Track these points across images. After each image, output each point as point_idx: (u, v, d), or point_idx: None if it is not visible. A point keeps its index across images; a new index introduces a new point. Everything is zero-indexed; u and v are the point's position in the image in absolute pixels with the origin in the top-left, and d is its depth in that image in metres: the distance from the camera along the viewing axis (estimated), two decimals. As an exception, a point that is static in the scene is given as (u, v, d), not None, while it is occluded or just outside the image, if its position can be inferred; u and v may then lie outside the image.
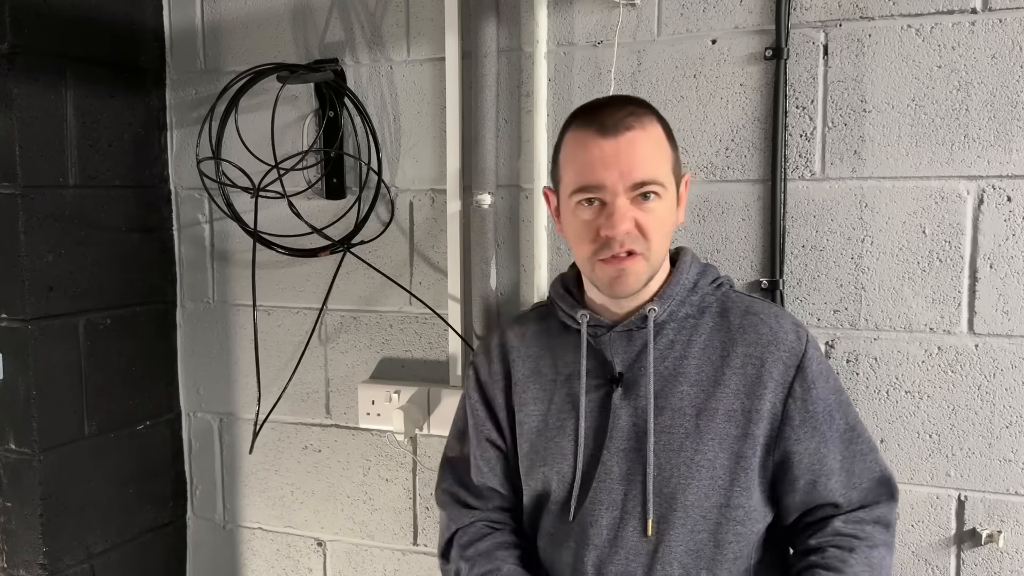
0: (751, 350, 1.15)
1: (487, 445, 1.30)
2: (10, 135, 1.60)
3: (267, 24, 1.81)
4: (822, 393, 1.16)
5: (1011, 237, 1.35)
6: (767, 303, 1.23)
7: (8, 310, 1.65)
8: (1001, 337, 1.37)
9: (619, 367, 1.18)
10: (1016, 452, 1.37)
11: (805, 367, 1.15)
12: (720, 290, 1.22)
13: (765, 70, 1.46)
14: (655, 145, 1.13)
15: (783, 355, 1.15)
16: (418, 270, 1.74)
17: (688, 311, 1.19)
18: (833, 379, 1.19)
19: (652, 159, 1.11)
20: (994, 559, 1.40)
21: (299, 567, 1.93)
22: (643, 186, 1.10)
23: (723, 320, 1.19)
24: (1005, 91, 1.33)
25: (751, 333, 1.17)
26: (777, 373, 1.14)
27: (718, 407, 1.14)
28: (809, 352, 1.16)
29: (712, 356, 1.16)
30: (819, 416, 1.15)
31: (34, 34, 1.63)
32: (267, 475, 1.93)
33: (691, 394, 1.15)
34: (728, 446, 1.14)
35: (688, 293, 1.19)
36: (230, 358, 1.94)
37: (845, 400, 1.20)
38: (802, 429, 1.15)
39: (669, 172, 1.14)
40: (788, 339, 1.16)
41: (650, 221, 1.11)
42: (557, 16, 1.57)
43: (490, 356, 1.31)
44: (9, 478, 1.70)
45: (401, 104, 1.72)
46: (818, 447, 1.15)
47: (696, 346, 1.17)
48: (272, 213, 1.76)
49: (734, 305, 1.20)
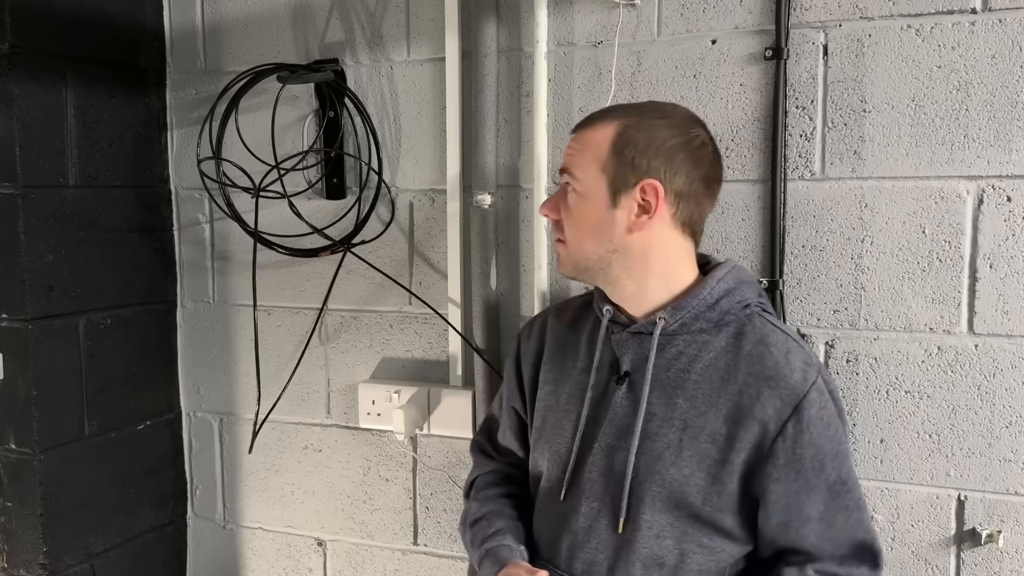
0: (751, 380, 1.13)
1: (511, 411, 1.39)
2: (10, 135, 1.60)
3: (267, 24, 1.81)
4: (816, 439, 1.12)
5: (1011, 237, 1.35)
6: (786, 336, 1.18)
7: (8, 310, 1.65)
8: (1001, 337, 1.37)
9: (626, 366, 1.21)
10: (1016, 452, 1.38)
11: (803, 409, 1.11)
12: (745, 311, 1.19)
13: (765, 70, 1.46)
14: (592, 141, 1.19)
15: (782, 392, 1.12)
16: (418, 270, 1.74)
17: (703, 325, 1.18)
18: (835, 428, 1.14)
19: (579, 152, 1.19)
20: (994, 559, 1.40)
21: (299, 567, 1.93)
22: (562, 173, 1.21)
23: (736, 343, 1.17)
24: (1005, 91, 1.33)
25: (756, 363, 1.14)
26: (772, 409, 1.12)
27: (704, 427, 1.14)
28: (811, 395, 1.12)
29: (714, 376, 1.15)
30: (806, 461, 1.12)
31: (34, 34, 1.63)
32: (267, 475, 1.93)
33: (683, 408, 1.16)
34: (706, 467, 1.13)
35: (707, 308, 1.17)
36: (230, 358, 1.94)
37: (843, 452, 1.14)
38: (785, 470, 1.12)
39: (596, 171, 1.17)
40: (792, 377, 1.13)
41: (563, 212, 1.21)
42: (557, 16, 1.57)
43: (531, 332, 1.38)
44: (9, 478, 1.70)
45: (401, 104, 1.72)
46: (798, 491, 1.12)
47: (701, 362, 1.17)
48: (272, 213, 1.76)
49: (752, 330, 1.17)
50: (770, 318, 1.21)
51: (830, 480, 1.13)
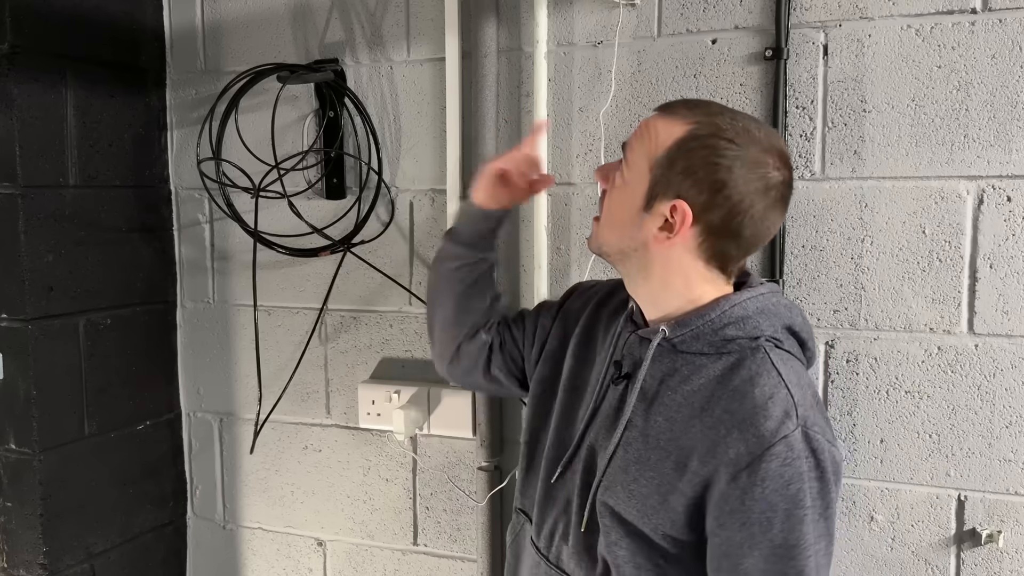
0: (725, 417, 1.04)
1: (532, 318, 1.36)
2: (10, 135, 1.61)
3: (267, 24, 1.81)
4: (768, 495, 1.01)
5: (1011, 237, 1.35)
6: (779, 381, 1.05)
7: (8, 310, 1.65)
8: (1001, 337, 1.37)
9: (626, 367, 1.18)
10: (1016, 452, 1.37)
11: (762, 460, 1.00)
12: (753, 343, 1.08)
13: (765, 70, 1.46)
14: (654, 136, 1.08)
15: (748, 438, 1.01)
16: (418, 270, 1.74)
17: (703, 348, 1.10)
18: (797, 488, 1.01)
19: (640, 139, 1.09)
20: (994, 559, 1.40)
21: (299, 567, 1.93)
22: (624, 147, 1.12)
23: (728, 375, 1.07)
24: (1005, 91, 1.33)
25: (736, 401, 1.04)
26: (733, 453, 1.02)
27: (671, 451, 1.07)
28: (776, 448, 1.00)
29: (696, 402, 1.08)
30: (754, 515, 1.01)
31: (34, 34, 1.63)
32: (267, 475, 1.93)
33: (660, 426, 1.10)
34: (663, 490, 1.08)
35: (711, 332, 1.09)
36: (230, 358, 1.94)
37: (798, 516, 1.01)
38: (730, 518, 1.03)
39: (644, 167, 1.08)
40: (765, 425, 1.01)
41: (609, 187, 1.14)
42: (557, 16, 1.57)
43: (584, 292, 1.34)
44: (9, 478, 1.70)
45: (401, 104, 1.72)
46: (740, 544, 1.03)
47: (689, 386, 1.09)
48: (272, 213, 1.76)
49: (749, 365, 1.07)
50: (775, 356, 1.08)
51: (775, 542, 1.02)
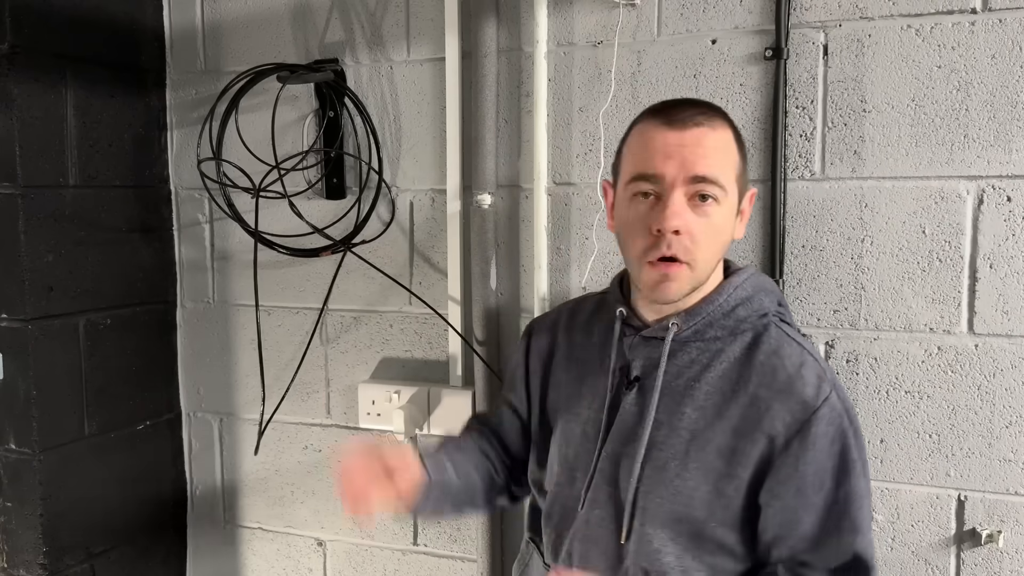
0: (762, 392, 1.08)
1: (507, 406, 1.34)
2: (10, 135, 1.60)
3: (267, 24, 1.81)
4: (819, 456, 1.06)
5: (1011, 237, 1.35)
6: (801, 349, 1.11)
7: (8, 310, 1.65)
8: (1001, 337, 1.37)
9: (636, 371, 1.16)
10: (1016, 452, 1.37)
11: (811, 425, 1.06)
12: (762, 320, 1.13)
13: (765, 70, 1.46)
14: (722, 146, 1.08)
15: (792, 407, 1.07)
16: (418, 270, 1.74)
17: (717, 333, 1.13)
18: (842, 445, 1.07)
19: (716, 158, 1.06)
20: (994, 559, 1.40)
21: (299, 567, 1.93)
22: (702, 182, 1.04)
23: (749, 353, 1.11)
24: (1005, 91, 1.33)
25: (769, 375, 1.09)
26: (780, 424, 1.06)
27: (712, 438, 1.09)
28: (822, 411, 1.06)
29: (724, 387, 1.10)
30: (807, 479, 1.06)
31: (34, 34, 1.63)
32: (267, 475, 1.93)
33: (692, 418, 1.11)
34: (712, 480, 1.09)
35: (722, 315, 1.12)
36: (230, 358, 1.94)
37: (847, 469, 1.08)
38: (784, 487, 1.07)
39: (732, 179, 1.08)
40: (804, 392, 1.07)
41: (703, 227, 1.06)
42: (557, 16, 1.57)
43: (544, 328, 1.31)
44: (9, 478, 1.70)
45: (401, 104, 1.72)
46: (796, 508, 1.07)
47: (714, 372, 1.11)
48: (272, 213, 1.76)
49: (767, 340, 1.11)
50: (787, 328, 1.15)
51: (828, 500, 1.07)
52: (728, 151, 1.08)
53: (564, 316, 1.30)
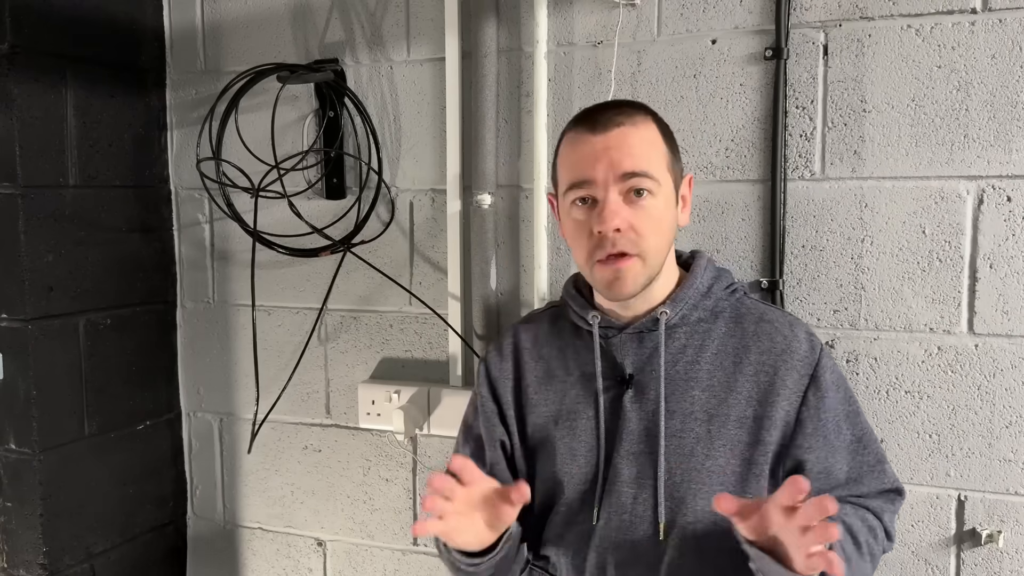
0: (765, 358, 1.15)
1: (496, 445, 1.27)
2: (10, 135, 1.60)
3: (267, 24, 1.81)
4: (832, 403, 1.15)
5: (1011, 237, 1.35)
6: (781, 311, 1.23)
7: (8, 310, 1.65)
8: (1001, 337, 1.37)
9: (629, 369, 1.17)
10: (1016, 452, 1.37)
11: (819, 376, 1.15)
12: (734, 296, 1.21)
13: (765, 70, 1.46)
14: (646, 140, 1.12)
15: (797, 364, 1.14)
16: (418, 270, 1.74)
17: (701, 315, 1.18)
18: (844, 389, 1.19)
19: (642, 152, 1.10)
20: (994, 559, 1.40)
21: (299, 567, 1.93)
22: (632, 177, 1.09)
23: (737, 326, 1.18)
24: (1005, 91, 1.33)
25: (765, 341, 1.16)
26: (791, 382, 1.14)
27: (730, 413, 1.13)
28: (823, 361, 1.15)
29: (724, 362, 1.15)
30: (828, 426, 1.15)
31: (34, 34, 1.63)
32: (267, 475, 1.93)
33: (703, 399, 1.14)
34: (739, 452, 1.13)
35: (702, 297, 1.18)
36: (230, 358, 1.94)
37: (854, 410, 1.19)
38: (813, 438, 1.14)
39: (664, 169, 1.12)
40: (802, 348, 1.15)
41: (643, 219, 1.10)
42: (557, 16, 1.57)
43: (502, 354, 1.29)
44: (9, 478, 1.70)
45: (401, 104, 1.72)
46: (826, 457, 1.15)
47: (709, 351, 1.16)
48: (272, 213, 1.76)
49: (748, 311, 1.19)
50: (756, 299, 1.25)
51: (848, 440, 1.17)
52: (654, 144, 1.12)
53: (521, 337, 1.28)
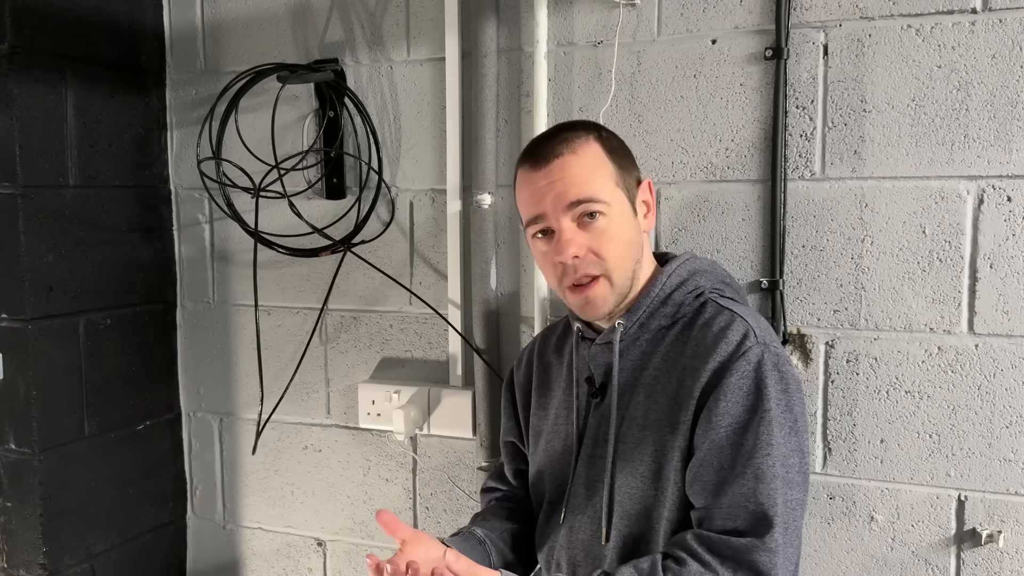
0: (691, 361, 1.13)
1: (508, 446, 1.41)
2: (10, 135, 1.60)
3: (267, 24, 1.81)
4: (731, 407, 1.08)
5: (1011, 237, 1.35)
6: (732, 314, 1.14)
7: (8, 310, 1.65)
8: (1001, 337, 1.37)
9: (599, 378, 1.22)
10: (1016, 452, 1.37)
11: (725, 376, 1.08)
12: (698, 300, 1.18)
13: (765, 70, 1.46)
14: (588, 163, 1.14)
15: (713, 364, 1.10)
16: (418, 270, 1.74)
17: (661, 322, 1.19)
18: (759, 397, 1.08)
19: (584, 177, 1.13)
20: (994, 559, 1.40)
21: (299, 567, 1.93)
22: (579, 204, 1.12)
23: (686, 331, 1.16)
24: (1005, 91, 1.33)
25: (699, 344, 1.13)
26: (704, 380, 1.10)
27: (659, 417, 1.14)
28: (737, 363, 1.08)
29: (667, 367, 1.16)
30: (720, 431, 1.08)
31: (34, 34, 1.63)
32: (267, 475, 1.93)
33: (643, 404, 1.16)
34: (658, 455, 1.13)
35: (660, 305, 1.18)
36: (230, 358, 1.94)
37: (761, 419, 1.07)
38: (701, 439, 1.09)
39: (612, 186, 1.15)
40: (725, 348, 1.10)
41: (600, 241, 1.12)
42: (557, 16, 1.57)
43: (521, 361, 1.40)
44: (9, 478, 1.70)
45: (401, 104, 1.72)
46: (704, 458, 1.09)
47: (658, 357, 1.17)
48: (272, 213, 1.76)
49: (701, 316, 1.16)
50: (724, 302, 1.18)
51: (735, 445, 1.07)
52: (597, 165, 1.15)
53: (538, 344, 1.38)
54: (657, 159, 1.53)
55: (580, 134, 1.17)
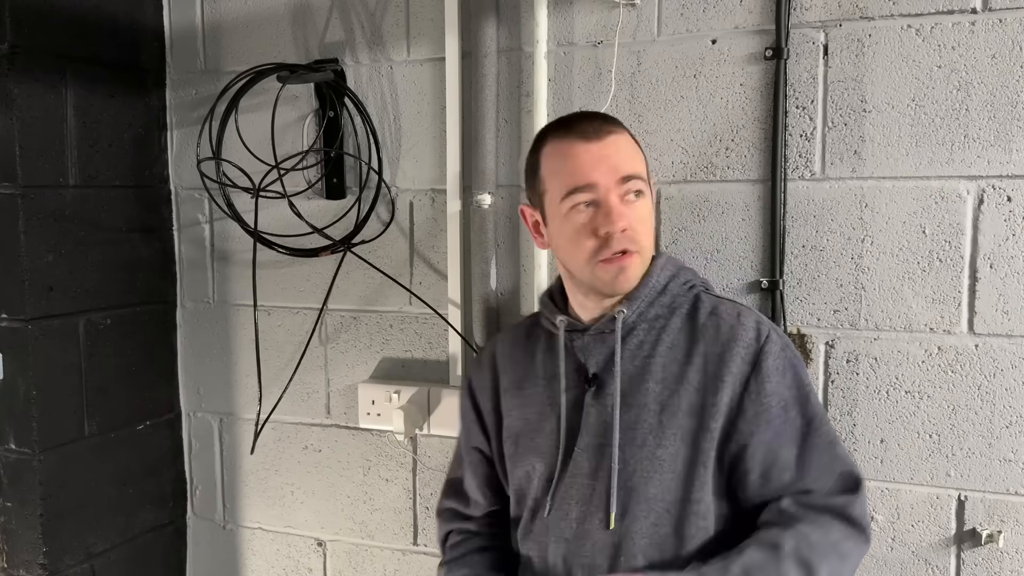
0: (712, 348, 1.19)
1: (474, 453, 1.38)
2: (10, 135, 1.60)
3: (267, 24, 1.81)
4: (776, 388, 1.17)
5: (1011, 237, 1.35)
6: (734, 303, 1.25)
7: (8, 310, 1.65)
8: (1001, 337, 1.37)
9: (593, 368, 1.23)
10: (1016, 452, 1.37)
11: (761, 362, 1.17)
12: (692, 292, 1.25)
13: (765, 70, 1.46)
14: (633, 146, 1.22)
15: (741, 351, 1.18)
16: (418, 270, 1.74)
17: (658, 311, 1.23)
18: (793, 374, 1.19)
19: (635, 157, 1.20)
20: (994, 559, 1.40)
21: (299, 567, 1.93)
22: (630, 180, 1.17)
23: (690, 321, 1.22)
24: (1005, 91, 1.33)
25: (712, 332, 1.20)
26: (735, 368, 1.17)
27: (680, 403, 1.18)
28: (767, 348, 1.18)
29: (677, 355, 1.20)
30: (772, 410, 1.16)
31: (34, 34, 1.63)
32: (267, 475, 1.93)
33: (656, 391, 1.19)
34: (688, 440, 1.17)
35: (658, 295, 1.23)
36: (230, 358, 1.94)
37: (804, 395, 1.19)
38: (755, 423, 1.16)
39: (647, 172, 1.22)
40: (747, 336, 1.19)
41: (639, 219, 1.18)
42: (557, 16, 1.57)
43: (481, 364, 1.39)
44: (9, 478, 1.70)
45: (401, 104, 1.72)
46: (771, 441, 1.16)
47: (663, 345, 1.21)
48: (272, 213, 1.76)
49: (702, 306, 1.23)
50: (716, 294, 1.28)
51: (797, 424, 1.17)
52: (638, 150, 1.22)
53: (499, 348, 1.37)
54: (657, 159, 1.53)
55: (619, 122, 1.23)
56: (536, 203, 1.25)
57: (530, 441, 1.27)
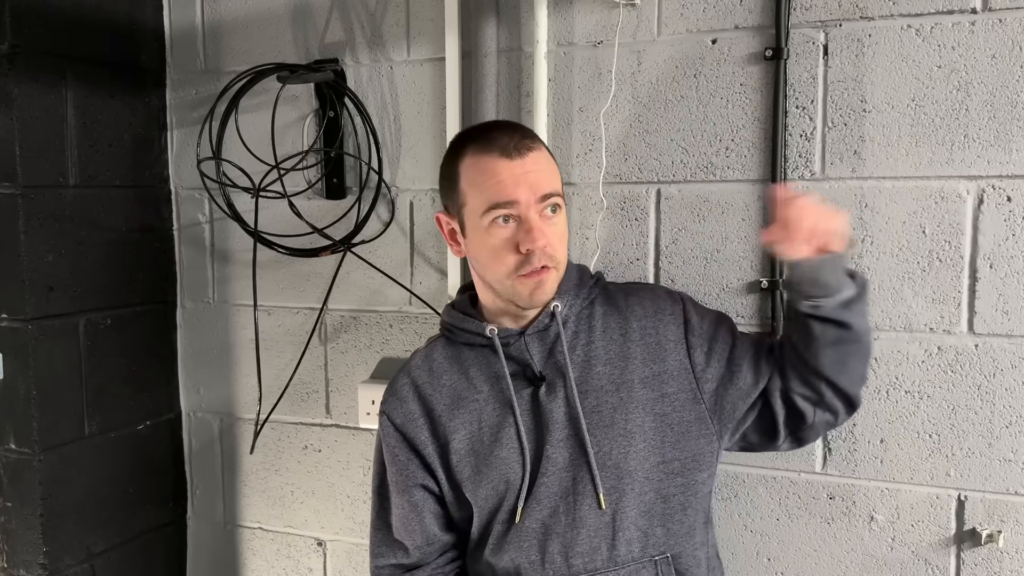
0: (644, 322, 1.29)
1: (417, 490, 1.31)
2: (10, 135, 1.61)
3: (267, 24, 1.81)
4: (705, 323, 1.31)
5: (1011, 237, 1.35)
6: (641, 283, 1.46)
7: (8, 310, 1.65)
8: (1001, 337, 1.37)
9: (539, 366, 1.27)
10: (1016, 452, 1.37)
11: (688, 319, 1.30)
12: (599, 284, 1.35)
13: (765, 70, 1.46)
14: (551, 163, 1.26)
15: (670, 318, 1.30)
16: (418, 270, 1.74)
17: (581, 304, 1.30)
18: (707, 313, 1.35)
19: (552, 174, 1.24)
20: (994, 559, 1.40)
21: (299, 567, 1.93)
22: (549, 197, 1.21)
23: (610, 306, 1.32)
24: (1005, 91, 1.33)
25: (639, 309, 1.31)
26: (671, 334, 1.29)
27: (633, 377, 1.26)
28: (686, 307, 1.32)
29: (614, 336, 1.28)
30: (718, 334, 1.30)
31: (34, 34, 1.63)
32: (267, 475, 1.93)
33: (606, 372, 1.26)
34: (651, 409, 1.25)
35: (578, 289, 1.30)
36: (230, 358, 1.94)
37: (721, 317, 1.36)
38: (712, 355, 1.28)
39: (561, 187, 1.26)
40: (669, 305, 1.32)
41: (557, 234, 1.23)
42: (557, 16, 1.57)
43: (400, 399, 1.32)
44: (9, 478, 1.70)
45: (401, 104, 1.72)
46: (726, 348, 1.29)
47: (597, 331, 1.29)
48: (272, 213, 1.76)
49: (615, 291, 1.35)
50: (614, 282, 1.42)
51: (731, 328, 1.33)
52: (555, 165, 1.27)
53: (416, 376, 1.33)
54: (657, 159, 1.53)
55: (534, 136, 1.27)
56: (454, 212, 1.27)
57: (491, 456, 1.25)
